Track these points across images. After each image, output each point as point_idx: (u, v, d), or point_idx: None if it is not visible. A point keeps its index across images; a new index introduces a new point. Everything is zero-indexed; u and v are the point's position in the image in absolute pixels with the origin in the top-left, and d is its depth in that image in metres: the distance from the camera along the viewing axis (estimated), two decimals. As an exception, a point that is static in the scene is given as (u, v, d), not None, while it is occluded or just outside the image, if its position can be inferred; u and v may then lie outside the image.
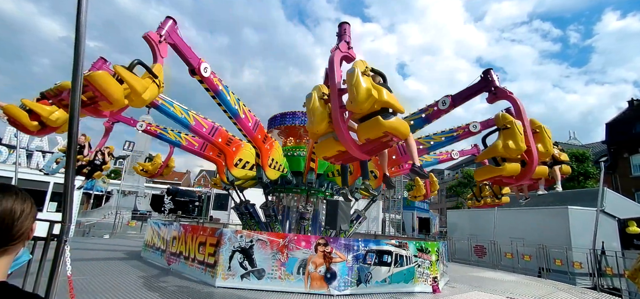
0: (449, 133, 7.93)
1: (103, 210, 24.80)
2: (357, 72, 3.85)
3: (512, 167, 5.10)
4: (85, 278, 6.71)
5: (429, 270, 7.82)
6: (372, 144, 4.25)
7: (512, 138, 4.88)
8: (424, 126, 6.82)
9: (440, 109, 6.44)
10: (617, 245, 11.82)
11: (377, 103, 3.84)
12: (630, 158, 26.47)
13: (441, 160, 10.43)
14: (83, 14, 2.44)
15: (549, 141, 5.30)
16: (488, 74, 5.85)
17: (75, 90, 2.48)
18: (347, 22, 5.22)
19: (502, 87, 5.66)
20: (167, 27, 5.41)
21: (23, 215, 0.99)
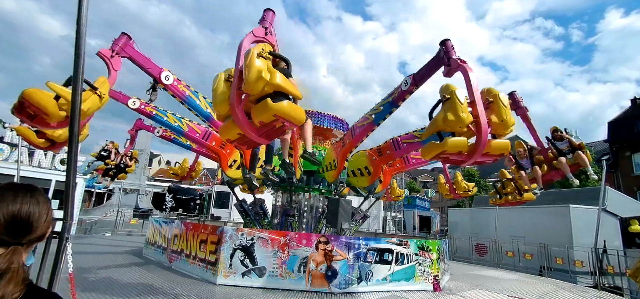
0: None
1: (105, 207, 24.89)
2: (252, 53, 3.81)
3: (456, 142, 4.65)
4: (86, 276, 6.74)
5: (430, 269, 7.82)
6: (266, 128, 4.20)
7: (452, 109, 4.49)
8: (392, 109, 6.71)
9: (403, 90, 6.36)
10: (619, 244, 11.80)
11: (268, 85, 3.79)
12: (632, 157, 26.38)
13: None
14: (84, 12, 2.43)
15: (504, 110, 4.69)
16: (443, 45, 5.57)
17: (76, 90, 2.48)
18: (271, 8, 5.14)
19: (454, 57, 5.34)
20: (121, 42, 5.71)
21: (43, 216, 1.04)
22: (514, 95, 7.18)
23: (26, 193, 1.03)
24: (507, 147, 4.87)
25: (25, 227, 0.99)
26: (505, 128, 4.79)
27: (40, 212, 1.03)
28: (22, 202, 0.99)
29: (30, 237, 1.01)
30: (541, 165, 7.53)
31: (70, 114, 2.52)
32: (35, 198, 1.04)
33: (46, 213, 1.06)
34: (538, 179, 7.35)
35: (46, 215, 1.06)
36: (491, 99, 4.78)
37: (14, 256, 0.95)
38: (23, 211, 0.98)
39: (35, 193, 1.06)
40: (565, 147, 7.20)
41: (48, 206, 1.08)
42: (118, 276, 7.09)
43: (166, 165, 66.33)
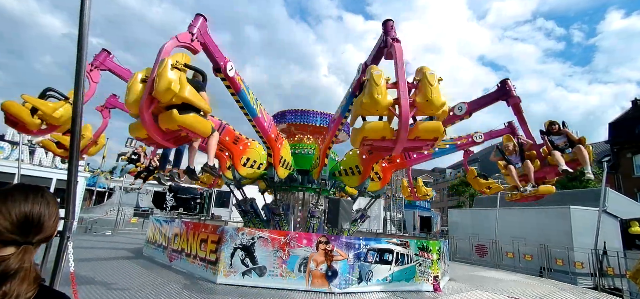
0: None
1: (105, 206, 24.88)
2: (167, 63, 3.91)
3: (374, 126, 4.50)
4: (87, 274, 6.75)
5: (430, 269, 7.82)
6: (172, 134, 4.34)
7: (368, 92, 4.30)
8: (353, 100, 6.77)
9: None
10: (619, 245, 11.78)
11: (176, 97, 3.91)
12: (633, 158, 26.35)
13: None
14: (86, 11, 2.44)
15: (430, 89, 4.23)
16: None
17: (78, 88, 2.49)
18: (203, 14, 5.22)
19: (390, 37, 5.19)
20: (100, 58, 5.82)
21: (52, 216, 1.06)
22: (505, 83, 6.68)
23: (37, 194, 1.05)
24: (438, 129, 4.48)
25: (36, 227, 1.01)
26: (432, 109, 4.31)
27: (50, 212, 1.05)
28: (33, 202, 1.01)
29: (40, 237, 1.03)
30: (533, 161, 7.06)
31: (72, 114, 2.53)
32: (46, 198, 1.07)
33: (55, 214, 1.08)
34: (529, 175, 6.79)
35: (55, 215, 1.08)
36: (419, 78, 4.43)
37: (25, 255, 0.97)
38: (35, 211, 1.01)
39: (45, 193, 1.09)
40: (562, 143, 6.65)
41: (56, 206, 1.10)
42: (118, 274, 7.10)
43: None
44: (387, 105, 4.27)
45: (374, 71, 4.44)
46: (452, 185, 45.59)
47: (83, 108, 2.64)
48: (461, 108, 6.56)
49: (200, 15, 5.24)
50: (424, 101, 4.22)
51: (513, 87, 6.56)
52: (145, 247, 10.69)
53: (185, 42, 4.81)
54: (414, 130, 4.43)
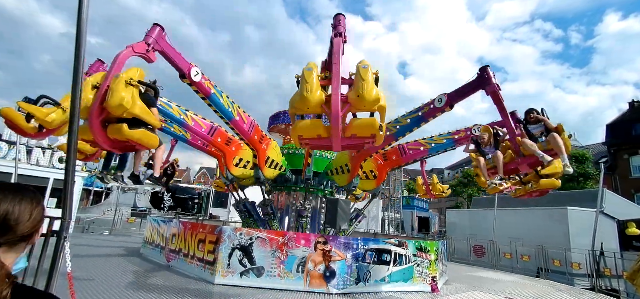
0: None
1: (103, 206, 24.82)
2: (121, 79, 4.11)
3: (305, 124, 4.47)
4: (84, 275, 6.72)
5: (428, 269, 7.83)
6: (119, 143, 4.58)
7: (298, 90, 4.24)
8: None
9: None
10: (616, 246, 11.84)
11: (127, 112, 4.16)
12: (630, 160, 26.48)
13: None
14: (84, 11, 2.43)
15: (361, 84, 4.06)
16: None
17: (76, 87, 2.48)
18: (160, 24, 5.31)
19: (334, 32, 5.16)
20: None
21: (23, 216, 0.99)
22: (485, 70, 6.11)
23: (7, 192, 0.98)
24: (372, 125, 4.35)
25: (1, 227, 0.95)
26: (365, 105, 4.14)
27: (21, 212, 0.98)
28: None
29: (9, 238, 0.96)
30: (507, 152, 6.51)
31: (70, 113, 2.53)
32: (17, 197, 0.99)
33: (29, 213, 1.00)
34: (498, 166, 6.20)
35: (29, 215, 1.00)
36: (354, 73, 4.28)
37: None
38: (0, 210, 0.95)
39: (18, 192, 1.01)
40: (539, 132, 6.12)
41: (33, 206, 1.02)
42: (116, 275, 7.08)
43: (165, 164, 66.15)
44: (317, 102, 4.17)
45: (305, 68, 4.34)
46: (450, 186, 45.70)
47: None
48: (441, 99, 6.31)
49: (157, 25, 5.39)
50: (355, 97, 4.11)
51: (493, 75, 6.13)
52: (143, 247, 10.65)
53: (140, 52, 4.97)
54: (349, 126, 4.39)
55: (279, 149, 9.40)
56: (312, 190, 10.30)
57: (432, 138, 8.59)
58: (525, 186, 7.61)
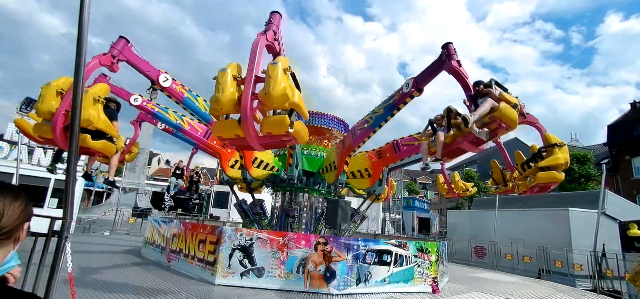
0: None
1: (103, 206, 24.87)
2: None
3: (223, 124, 4.57)
4: (85, 275, 6.73)
5: (429, 270, 7.82)
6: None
7: (214, 91, 4.32)
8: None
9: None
10: (618, 248, 11.79)
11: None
12: (631, 161, 26.41)
13: None
14: (86, 11, 2.44)
15: (268, 82, 4.07)
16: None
17: (77, 87, 2.48)
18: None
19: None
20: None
21: (5, 214, 0.96)
22: (446, 47, 5.75)
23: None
24: (282, 122, 4.35)
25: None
26: (272, 102, 4.11)
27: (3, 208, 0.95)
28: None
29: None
30: None
31: (71, 114, 2.53)
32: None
33: (8, 207, 0.97)
34: (437, 147, 5.63)
35: (6, 209, 0.97)
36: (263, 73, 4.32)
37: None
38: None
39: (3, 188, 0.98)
40: None
41: (12, 200, 0.99)
42: (116, 275, 7.08)
43: (165, 164, 66.31)
44: (229, 102, 4.23)
45: (221, 69, 4.40)
46: (451, 187, 45.56)
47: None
48: (408, 84, 6.20)
49: (122, 37, 5.88)
50: (263, 94, 4.15)
51: (454, 52, 5.73)
52: (144, 248, 10.66)
53: (106, 63, 5.46)
54: (263, 125, 4.45)
55: (269, 151, 9.40)
56: (306, 190, 10.28)
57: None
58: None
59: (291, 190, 10.10)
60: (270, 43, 4.92)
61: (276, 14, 5.29)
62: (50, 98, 4.97)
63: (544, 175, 6.79)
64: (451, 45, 5.74)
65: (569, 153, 7.42)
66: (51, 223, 3.45)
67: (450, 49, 5.73)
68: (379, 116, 7.14)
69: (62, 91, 5.05)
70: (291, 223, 9.65)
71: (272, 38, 4.95)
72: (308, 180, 10.03)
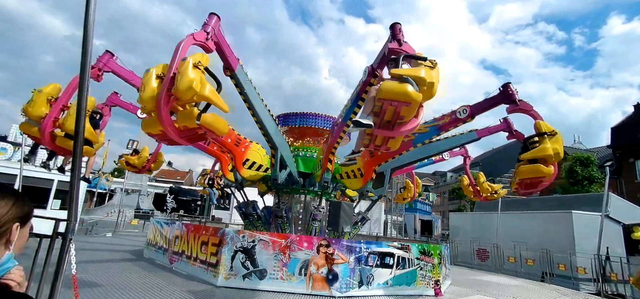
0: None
1: (106, 208, 24.92)
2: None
3: (147, 122, 4.80)
4: (88, 276, 6.74)
5: (431, 273, 7.79)
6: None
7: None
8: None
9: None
10: (622, 251, 11.71)
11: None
12: (635, 163, 26.24)
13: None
14: (91, 13, 2.45)
15: (178, 78, 4.25)
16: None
17: (82, 90, 2.50)
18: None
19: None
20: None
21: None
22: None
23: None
24: (190, 115, 4.49)
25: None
26: (182, 96, 4.26)
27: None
28: None
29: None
30: None
31: (76, 116, 2.54)
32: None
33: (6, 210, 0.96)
34: (358, 142, 5.47)
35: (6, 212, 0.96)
36: None
37: None
38: None
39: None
40: None
41: (8, 203, 0.97)
42: (119, 277, 7.10)
43: (168, 166, 66.44)
44: (150, 99, 4.41)
45: (146, 70, 4.62)
46: (453, 189, 45.49)
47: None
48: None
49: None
50: (175, 91, 4.28)
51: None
52: (146, 249, 10.68)
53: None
54: (177, 119, 4.62)
55: (263, 152, 9.49)
56: (302, 191, 10.24)
57: None
58: None
59: (278, 190, 10.12)
60: (201, 43, 5.10)
61: (213, 16, 5.53)
62: (41, 104, 5.60)
63: (527, 169, 6.12)
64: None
65: (573, 155, 7.35)
66: (55, 224, 3.47)
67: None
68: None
69: (51, 98, 5.69)
70: (280, 223, 9.65)
71: (202, 38, 5.11)
72: (304, 181, 10.01)
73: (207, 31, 5.22)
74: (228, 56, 6.05)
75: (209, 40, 5.27)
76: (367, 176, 9.03)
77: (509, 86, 6.30)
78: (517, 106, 6.27)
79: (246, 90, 6.76)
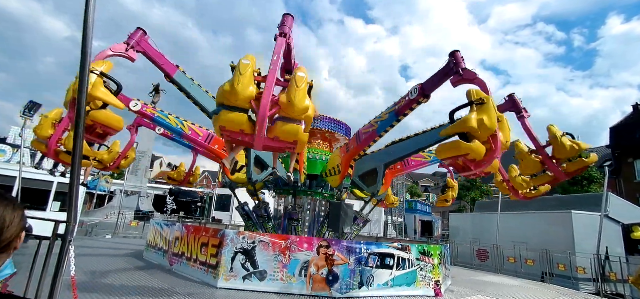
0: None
1: (106, 209, 24.89)
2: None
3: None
4: (87, 278, 6.73)
5: (431, 273, 7.78)
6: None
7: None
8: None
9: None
10: (621, 250, 11.73)
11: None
12: (634, 163, 26.28)
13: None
14: (90, 14, 2.45)
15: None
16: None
17: (81, 91, 2.49)
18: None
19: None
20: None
21: (11, 224, 0.97)
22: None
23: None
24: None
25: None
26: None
27: (9, 217, 0.96)
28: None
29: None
30: None
31: (75, 116, 2.54)
32: (4, 202, 0.97)
33: (19, 217, 0.99)
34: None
35: (19, 219, 0.99)
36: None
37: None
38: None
39: (4, 197, 0.99)
40: None
41: (17, 210, 1.00)
42: (119, 278, 7.08)
43: (167, 167, 66.36)
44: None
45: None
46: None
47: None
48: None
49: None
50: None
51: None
52: (146, 251, 10.66)
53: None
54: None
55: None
56: (309, 193, 10.24)
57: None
58: None
59: (294, 193, 10.05)
60: (119, 53, 5.54)
61: (138, 31, 5.88)
62: (47, 127, 6.73)
63: (444, 147, 5.19)
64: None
65: None
66: (55, 226, 3.46)
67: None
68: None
69: (55, 122, 6.80)
70: (295, 226, 9.59)
71: (121, 49, 5.57)
72: (311, 183, 10.00)
73: (127, 43, 5.76)
74: (162, 64, 6.44)
75: (130, 50, 5.84)
76: (344, 172, 8.90)
77: (456, 53, 5.65)
78: (461, 76, 5.59)
79: (192, 92, 6.97)
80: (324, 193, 10.30)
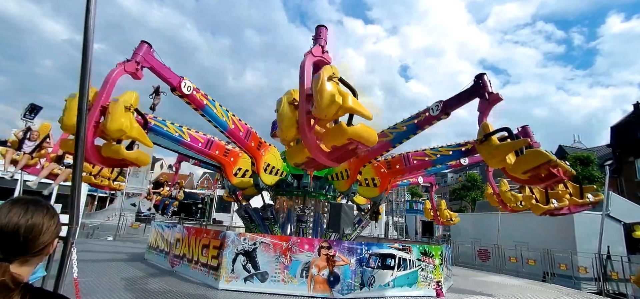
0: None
1: (107, 211, 24.92)
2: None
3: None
4: (89, 280, 6.74)
5: (433, 274, 7.78)
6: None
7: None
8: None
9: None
10: (623, 250, 11.72)
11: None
12: (635, 162, 26.24)
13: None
14: (92, 17, 2.47)
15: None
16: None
17: (82, 95, 2.51)
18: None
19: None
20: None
21: (48, 230, 1.03)
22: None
23: (34, 205, 1.01)
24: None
25: (13, 242, 0.94)
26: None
27: (46, 223, 1.01)
28: (9, 215, 0.95)
29: (33, 249, 0.98)
30: None
31: (77, 119, 2.55)
32: (43, 209, 1.02)
33: (55, 224, 1.05)
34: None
35: (54, 225, 1.05)
36: None
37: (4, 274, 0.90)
38: (10, 224, 0.94)
39: (41, 204, 1.04)
40: None
41: (53, 217, 1.05)
42: (120, 280, 7.09)
43: (168, 169, 66.42)
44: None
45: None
46: (453, 189, 45.46)
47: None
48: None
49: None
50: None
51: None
52: (147, 252, 10.67)
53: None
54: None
55: (278, 155, 9.37)
56: (314, 195, 10.25)
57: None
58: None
59: (304, 195, 10.02)
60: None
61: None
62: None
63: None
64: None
65: (573, 155, 7.29)
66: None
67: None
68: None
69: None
70: (303, 228, 9.57)
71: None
72: (315, 185, 10.01)
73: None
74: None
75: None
76: (383, 187, 9.10)
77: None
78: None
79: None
80: (328, 195, 10.32)
